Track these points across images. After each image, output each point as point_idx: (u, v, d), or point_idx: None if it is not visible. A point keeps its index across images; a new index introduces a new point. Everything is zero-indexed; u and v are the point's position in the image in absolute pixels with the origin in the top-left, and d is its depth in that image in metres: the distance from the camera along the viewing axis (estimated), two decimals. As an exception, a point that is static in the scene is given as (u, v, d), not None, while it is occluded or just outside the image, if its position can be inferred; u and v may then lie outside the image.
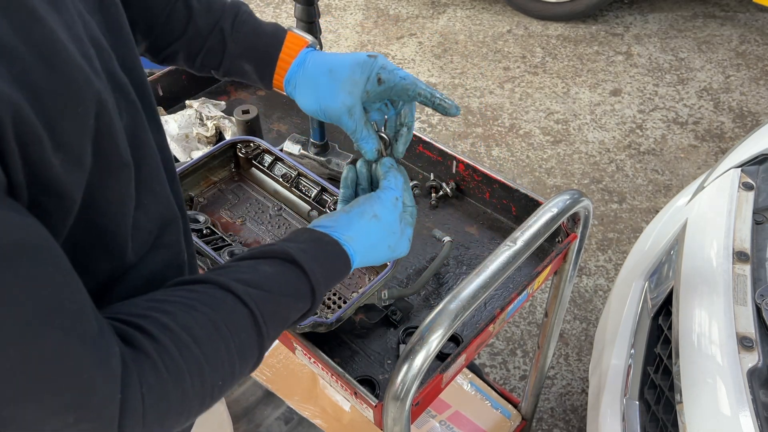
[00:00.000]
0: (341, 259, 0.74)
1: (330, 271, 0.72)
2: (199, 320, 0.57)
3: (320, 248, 0.72)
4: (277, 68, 0.84)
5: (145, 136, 0.62)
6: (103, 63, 0.54)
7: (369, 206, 0.79)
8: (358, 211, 0.78)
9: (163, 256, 0.67)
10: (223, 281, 0.61)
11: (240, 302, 0.61)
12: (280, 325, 0.67)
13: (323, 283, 0.69)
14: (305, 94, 0.83)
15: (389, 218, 0.79)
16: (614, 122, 2.98)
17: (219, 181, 1.26)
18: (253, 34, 0.84)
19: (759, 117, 3.00)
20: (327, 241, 0.73)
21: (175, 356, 0.53)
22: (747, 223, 1.26)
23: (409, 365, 0.80)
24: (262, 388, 1.74)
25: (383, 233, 0.79)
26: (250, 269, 0.65)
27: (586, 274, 2.33)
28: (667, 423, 1.15)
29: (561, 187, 2.67)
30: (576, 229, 1.09)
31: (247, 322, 0.61)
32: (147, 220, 0.62)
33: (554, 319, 1.27)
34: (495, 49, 3.46)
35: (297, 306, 0.68)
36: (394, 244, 0.81)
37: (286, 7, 3.84)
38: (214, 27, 0.84)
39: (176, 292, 0.60)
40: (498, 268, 0.87)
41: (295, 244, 0.70)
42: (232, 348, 0.59)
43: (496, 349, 2.11)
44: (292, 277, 0.67)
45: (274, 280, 0.65)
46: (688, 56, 3.38)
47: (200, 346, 0.56)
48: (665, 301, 1.32)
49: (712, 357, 1.08)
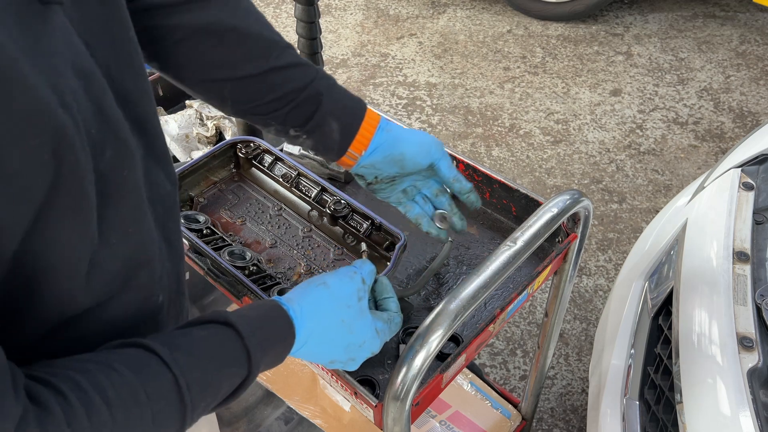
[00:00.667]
0: (281, 319, 0.70)
1: (266, 330, 0.67)
2: (115, 382, 0.54)
3: (256, 309, 0.69)
4: (359, 135, 0.88)
5: (130, 175, 0.58)
6: (91, 95, 0.52)
7: (320, 277, 0.78)
8: (308, 280, 0.77)
9: (131, 300, 0.63)
10: (150, 344, 0.58)
11: (164, 366, 0.57)
12: (211, 395, 0.62)
13: (260, 348, 0.65)
14: (403, 145, 0.91)
15: (341, 289, 0.76)
16: (614, 122, 2.98)
17: (219, 181, 1.26)
18: (341, 95, 0.88)
19: (759, 117, 3.00)
20: (264, 303, 0.71)
21: (80, 416, 0.50)
22: (747, 223, 1.26)
23: (409, 365, 0.80)
24: (262, 388, 1.74)
25: (333, 303, 0.75)
26: (182, 334, 0.62)
27: (586, 274, 2.33)
28: (667, 423, 1.15)
29: (561, 187, 2.67)
30: (576, 229, 1.09)
31: (170, 388, 0.57)
32: (112, 261, 0.59)
33: (554, 319, 1.27)
34: (495, 49, 3.46)
35: (230, 371, 0.63)
36: (349, 320, 0.76)
37: (286, 7, 3.84)
38: (309, 84, 0.84)
39: (102, 353, 0.57)
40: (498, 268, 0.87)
41: (236, 310, 0.68)
42: (147, 415, 0.55)
43: (496, 349, 2.11)
44: (225, 339, 0.64)
45: (205, 343, 0.62)
46: (688, 56, 3.38)
47: (111, 409, 0.52)
48: (665, 301, 1.32)
49: (712, 357, 1.08)
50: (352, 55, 3.45)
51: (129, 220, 0.59)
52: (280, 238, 1.18)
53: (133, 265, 0.62)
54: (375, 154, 0.89)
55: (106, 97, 0.54)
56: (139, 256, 0.62)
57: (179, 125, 1.40)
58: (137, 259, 0.62)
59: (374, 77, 3.29)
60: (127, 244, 0.60)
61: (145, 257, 0.63)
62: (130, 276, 0.62)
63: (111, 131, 0.55)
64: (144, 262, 0.63)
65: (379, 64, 3.37)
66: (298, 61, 0.84)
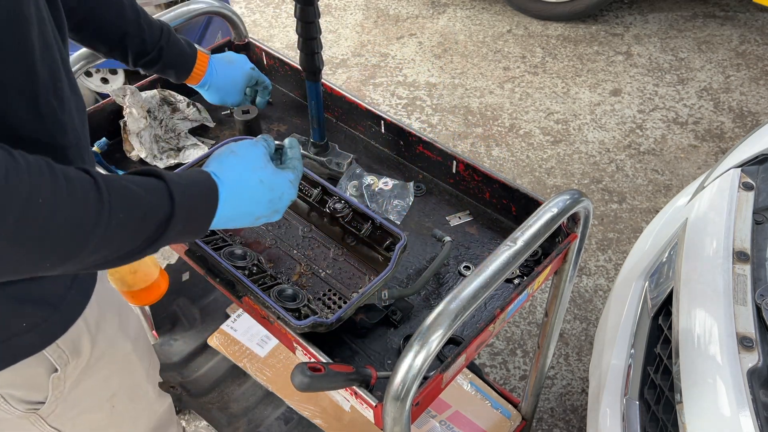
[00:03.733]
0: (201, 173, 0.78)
1: (188, 179, 0.74)
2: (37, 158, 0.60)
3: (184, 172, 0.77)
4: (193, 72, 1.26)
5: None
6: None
7: (225, 147, 0.85)
8: (215, 153, 0.85)
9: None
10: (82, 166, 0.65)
11: (85, 173, 0.63)
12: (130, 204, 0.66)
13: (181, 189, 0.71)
14: (214, 94, 1.33)
15: (249, 153, 0.84)
16: (614, 122, 2.98)
17: (219, 181, 1.26)
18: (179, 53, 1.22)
19: (759, 117, 3.00)
20: (191, 170, 0.79)
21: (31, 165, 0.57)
22: (747, 223, 1.26)
23: (409, 365, 0.80)
24: (262, 388, 1.74)
25: (247, 166, 0.82)
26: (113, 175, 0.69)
27: (586, 274, 2.33)
28: (667, 423, 1.15)
29: (561, 187, 2.67)
30: (576, 229, 1.09)
31: (87, 180, 0.63)
32: None
33: (554, 319, 1.27)
34: (495, 49, 3.46)
35: (150, 199, 0.68)
36: (267, 179, 0.84)
37: (286, 7, 3.84)
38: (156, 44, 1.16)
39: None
40: (498, 268, 0.87)
41: None
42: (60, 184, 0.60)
43: (496, 349, 2.11)
44: (148, 179, 0.70)
45: (130, 177, 0.69)
46: (688, 56, 3.38)
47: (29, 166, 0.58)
48: (665, 301, 1.32)
49: (712, 357, 1.08)
50: (352, 55, 3.45)
51: None
52: (280, 238, 1.18)
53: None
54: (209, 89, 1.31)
55: None
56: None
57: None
58: None
59: (374, 77, 3.29)
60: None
61: None
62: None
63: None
64: None
65: (379, 64, 3.37)
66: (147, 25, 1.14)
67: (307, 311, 1.02)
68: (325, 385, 0.87)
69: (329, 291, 1.10)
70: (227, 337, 1.77)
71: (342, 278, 1.12)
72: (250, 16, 3.76)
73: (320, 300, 1.08)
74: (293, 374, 0.85)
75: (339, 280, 1.11)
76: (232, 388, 1.79)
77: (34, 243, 0.59)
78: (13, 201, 0.56)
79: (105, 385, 0.98)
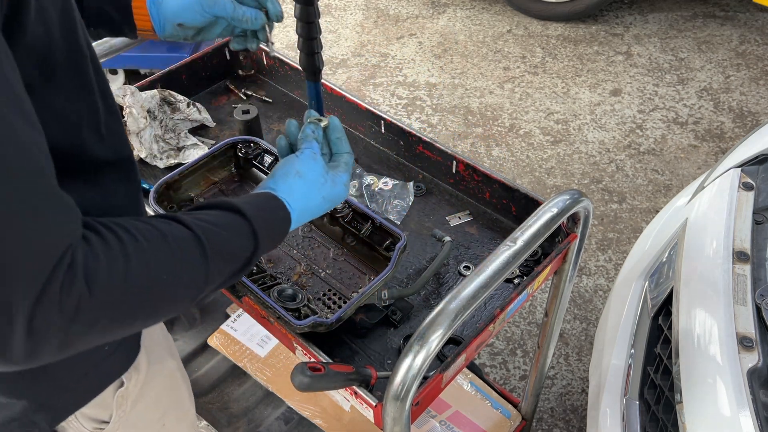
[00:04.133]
0: (272, 199, 0.79)
1: (265, 211, 0.77)
2: (148, 227, 0.63)
3: (255, 198, 0.79)
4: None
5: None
6: None
7: (290, 165, 0.85)
8: (282, 172, 0.84)
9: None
10: (169, 214, 0.68)
11: (185, 227, 0.66)
12: (226, 259, 0.70)
13: (262, 223, 0.74)
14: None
15: (313, 173, 0.85)
16: (614, 122, 2.98)
17: (219, 181, 1.26)
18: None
19: (759, 117, 3.00)
20: (260, 194, 0.80)
21: (125, 240, 0.59)
22: (747, 223, 1.26)
23: (409, 365, 0.80)
24: (262, 388, 1.74)
25: (312, 188, 0.84)
26: (195, 212, 0.72)
27: (586, 274, 2.33)
28: (667, 423, 1.15)
29: (561, 187, 2.67)
30: (576, 229, 1.09)
31: (192, 241, 0.66)
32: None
33: (554, 319, 1.27)
34: (495, 49, 3.46)
35: (239, 242, 0.72)
36: (328, 195, 0.86)
37: (286, 7, 3.84)
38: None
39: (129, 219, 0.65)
40: (498, 268, 0.87)
41: (233, 198, 0.78)
42: (177, 255, 0.63)
43: (496, 349, 2.11)
44: (229, 216, 0.73)
45: (214, 217, 0.71)
46: (688, 56, 3.38)
47: (148, 242, 0.61)
48: (665, 301, 1.32)
49: (712, 357, 1.08)
50: (352, 55, 3.45)
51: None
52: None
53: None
54: (165, 25, 1.01)
55: None
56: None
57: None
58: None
59: (374, 77, 3.29)
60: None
61: None
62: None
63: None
64: None
65: (379, 64, 3.37)
66: None
67: (307, 311, 1.02)
68: (325, 385, 0.87)
69: (329, 291, 1.10)
70: (227, 337, 1.77)
71: (342, 278, 1.12)
72: None
73: (320, 300, 1.08)
74: (293, 374, 0.85)
75: (339, 280, 1.11)
76: (232, 388, 1.79)
77: (155, 312, 0.64)
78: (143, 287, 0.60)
79: (157, 405, 0.98)
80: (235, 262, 0.72)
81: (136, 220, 0.63)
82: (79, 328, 0.55)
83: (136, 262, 0.59)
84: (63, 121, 0.65)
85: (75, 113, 0.66)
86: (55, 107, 0.63)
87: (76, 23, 0.65)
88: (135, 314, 0.61)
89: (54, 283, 0.51)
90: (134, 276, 0.58)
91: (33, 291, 0.50)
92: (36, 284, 0.50)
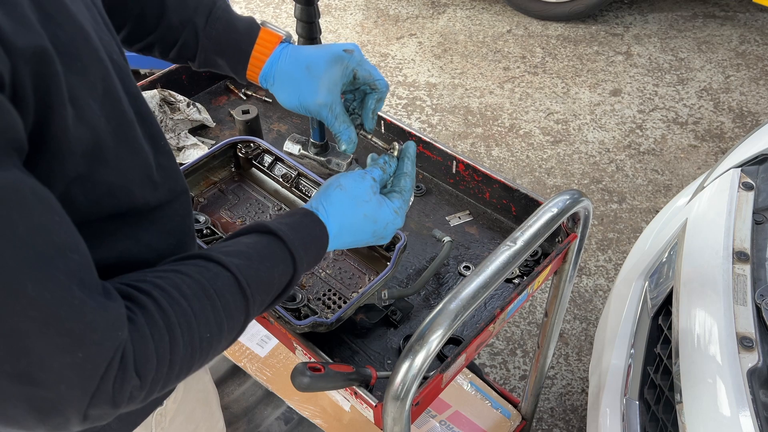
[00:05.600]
0: (313, 223, 0.78)
1: (305, 234, 0.76)
2: (186, 281, 0.62)
3: (291, 217, 0.77)
4: (250, 65, 0.87)
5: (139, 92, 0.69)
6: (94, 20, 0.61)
7: (335, 179, 0.84)
8: (328, 183, 0.83)
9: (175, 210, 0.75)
10: (206, 253, 0.67)
11: (223, 268, 0.65)
12: (266, 291, 0.70)
13: (301, 247, 0.73)
14: (284, 90, 0.87)
15: (356, 189, 0.82)
16: (614, 122, 2.98)
17: (219, 181, 1.26)
18: (226, 30, 0.86)
19: (759, 117, 3.00)
20: (297, 211, 0.79)
21: (166, 308, 0.58)
22: (747, 223, 1.26)
23: (409, 365, 0.80)
24: (262, 388, 1.74)
25: (352, 202, 0.82)
26: (231, 243, 0.71)
27: (586, 274, 2.33)
28: (667, 423, 1.15)
29: (561, 187, 2.67)
30: (576, 229, 1.09)
31: (232, 285, 0.65)
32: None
33: (554, 319, 1.27)
34: (495, 49, 3.46)
35: (279, 271, 0.71)
36: (371, 213, 0.82)
37: (286, 7, 3.84)
38: (187, 22, 0.85)
39: (165, 265, 0.66)
40: (498, 268, 0.87)
41: (268, 220, 0.77)
42: (218, 306, 0.63)
43: (496, 349, 2.11)
44: (269, 244, 0.72)
45: (253, 249, 0.70)
46: (688, 56, 3.38)
47: (189, 301, 0.60)
48: (665, 301, 1.32)
49: (712, 357, 1.08)
50: (352, 55, 3.45)
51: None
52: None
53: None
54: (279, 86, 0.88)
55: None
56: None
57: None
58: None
59: (374, 77, 3.29)
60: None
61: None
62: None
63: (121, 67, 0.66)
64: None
65: (379, 64, 3.37)
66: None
67: (307, 311, 1.02)
68: (325, 385, 0.87)
69: (329, 291, 1.10)
70: (227, 337, 1.77)
71: (342, 278, 1.12)
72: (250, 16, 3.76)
73: (320, 300, 1.08)
74: (293, 374, 0.85)
75: (339, 280, 1.11)
76: (232, 388, 1.79)
77: (200, 365, 0.65)
78: (190, 355, 0.61)
79: (192, 419, 0.98)
80: (275, 291, 0.72)
81: (177, 271, 0.63)
82: (131, 406, 0.58)
83: (181, 331, 0.59)
84: (116, 191, 0.63)
85: (126, 179, 0.64)
86: (106, 183, 0.61)
87: (119, 95, 0.61)
88: (181, 377, 0.62)
89: (107, 383, 0.53)
90: (181, 348, 0.59)
91: (86, 395, 0.52)
92: (89, 389, 0.52)
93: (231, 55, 0.87)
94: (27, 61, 0.47)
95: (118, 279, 0.61)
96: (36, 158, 0.52)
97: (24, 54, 0.47)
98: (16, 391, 0.50)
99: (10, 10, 0.47)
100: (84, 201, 0.60)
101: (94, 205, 0.61)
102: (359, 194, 0.82)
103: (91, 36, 0.57)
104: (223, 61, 0.87)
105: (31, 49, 0.48)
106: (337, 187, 0.82)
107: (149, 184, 0.68)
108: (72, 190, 0.58)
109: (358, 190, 0.82)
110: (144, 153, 0.66)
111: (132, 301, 0.57)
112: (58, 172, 0.55)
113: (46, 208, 0.50)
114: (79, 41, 0.55)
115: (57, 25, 0.52)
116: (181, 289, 0.61)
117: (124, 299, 0.57)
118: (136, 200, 0.66)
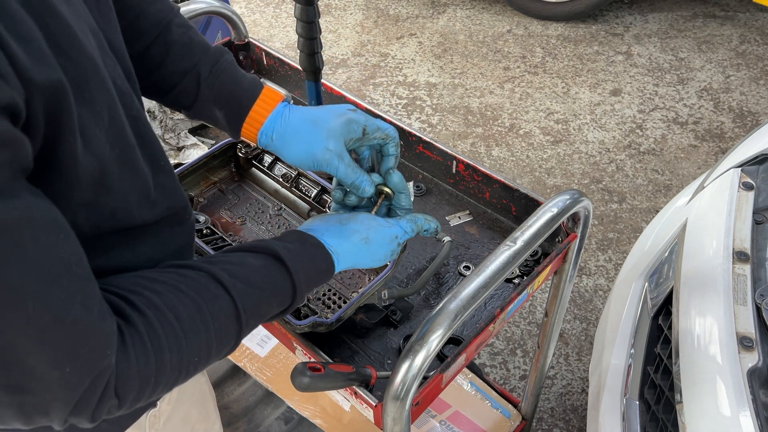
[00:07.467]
0: (325, 261, 0.78)
1: (313, 271, 0.76)
2: (183, 301, 0.62)
3: (305, 249, 0.76)
4: (249, 120, 0.84)
5: (143, 115, 0.68)
6: (101, 50, 0.60)
7: (365, 228, 0.82)
8: (353, 228, 0.81)
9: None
10: (210, 269, 0.66)
11: (224, 291, 0.65)
12: (259, 318, 0.70)
13: (305, 283, 0.73)
14: (290, 143, 0.84)
15: (379, 249, 0.83)
16: (614, 122, 2.98)
17: (219, 181, 1.26)
18: (229, 82, 0.85)
19: (759, 117, 3.00)
20: (313, 243, 0.77)
21: (158, 331, 0.59)
22: (747, 223, 1.26)
23: (409, 365, 0.80)
24: (262, 388, 1.74)
25: (369, 256, 0.83)
26: (238, 261, 0.70)
27: (586, 274, 2.33)
28: (667, 423, 1.15)
29: (561, 187, 2.67)
30: (576, 229, 1.09)
31: (229, 309, 0.65)
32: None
33: (554, 319, 1.27)
34: (495, 49, 3.46)
35: (277, 301, 0.71)
36: (380, 256, 0.84)
37: (286, 7, 3.84)
38: (190, 69, 0.84)
39: (166, 274, 0.65)
40: (498, 268, 0.87)
41: (282, 243, 0.74)
42: (211, 330, 0.63)
43: (496, 349, 2.11)
44: (275, 273, 0.71)
45: (258, 274, 0.69)
46: (688, 56, 3.38)
47: (182, 324, 0.60)
48: (665, 301, 1.32)
49: (712, 357, 1.08)
50: (352, 55, 3.45)
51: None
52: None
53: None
54: (284, 141, 0.85)
55: (106, 48, 0.62)
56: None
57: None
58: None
59: (374, 77, 3.29)
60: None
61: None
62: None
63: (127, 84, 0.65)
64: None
65: (379, 64, 3.37)
66: (183, 40, 0.84)
67: (306, 311, 1.02)
68: (325, 385, 0.87)
69: (329, 291, 1.10)
70: (227, 337, 1.77)
71: (342, 278, 1.12)
72: (250, 15, 3.76)
73: (320, 300, 1.08)
74: (293, 374, 0.85)
75: (339, 280, 1.11)
76: (232, 388, 1.79)
77: (183, 382, 0.64)
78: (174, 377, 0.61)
79: (187, 420, 0.98)
80: (267, 317, 0.72)
81: (176, 288, 0.62)
82: (112, 417, 0.59)
83: (170, 355, 0.59)
84: (116, 213, 0.64)
85: (126, 202, 0.65)
86: (108, 207, 0.62)
87: (123, 121, 0.61)
88: (164, 393, 0.62)
89: (89, 397, 0.54)
90: (168, 370, 0.60)
91: (68, 406, 0.54)
92: (72, 400, 0.54)
93: (230, 108, 0.85)
94: (42, 92, 0.48)
95: (117, 281, 0.61)
96: (46, 186, 0.52)
97: (40, 86, 0.48)
98: (8, 399, 0.51)
99: (28, 46, 0.48)
100: (86, 224, 0.60)
101: (95, 228, 0.62)
102: (378, 253, 0.83)
103: (99, 67, 0.57)
104: (221, 113, 0.85)
105: (48, 82, 0.49)
106: (363, 240, 0.81)
107: (147, 204, 0.68)
108: (78, 216, 0.59)
109: (381, 250, 0.83)
110: (144, 175, 0.67)
111: (125, 319, 0.58)
112: (68, 200, 0.56)
113: (54, 228, 0.51)
114: (89, 72, 0.55)
115: (69, 59, 0.52)
116: (177, 311, 0.61)
117: (117, 316, 0.57)
118: (134, 219, 0.67)
